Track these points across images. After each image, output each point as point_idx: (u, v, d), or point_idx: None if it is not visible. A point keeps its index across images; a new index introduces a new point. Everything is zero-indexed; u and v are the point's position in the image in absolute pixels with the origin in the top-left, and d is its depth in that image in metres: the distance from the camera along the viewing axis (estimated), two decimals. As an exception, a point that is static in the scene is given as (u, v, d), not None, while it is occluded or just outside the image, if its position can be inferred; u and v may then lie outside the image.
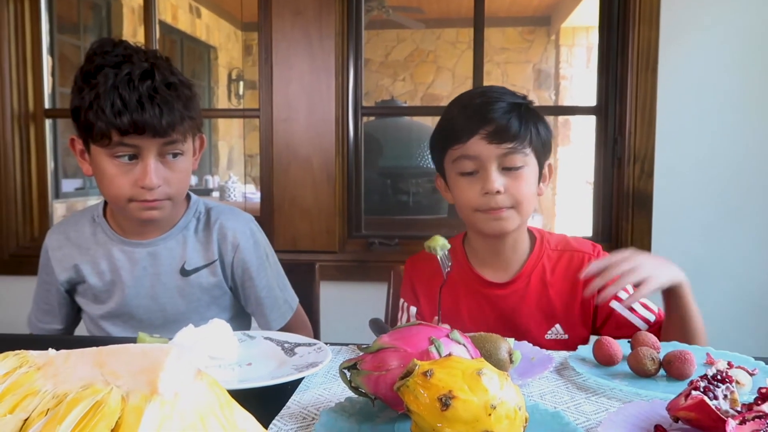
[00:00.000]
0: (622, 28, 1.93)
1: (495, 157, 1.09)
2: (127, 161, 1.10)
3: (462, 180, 1.13)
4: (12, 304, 2.12)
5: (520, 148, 1.10)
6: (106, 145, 1.08)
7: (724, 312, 1.92)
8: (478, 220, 1.13)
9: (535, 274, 1.18)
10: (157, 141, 1.09)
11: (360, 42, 2.08)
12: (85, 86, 1.08)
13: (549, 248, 1.20)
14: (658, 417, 0.68)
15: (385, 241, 2.07)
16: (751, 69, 1.88)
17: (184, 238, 1.23)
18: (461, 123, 1.12)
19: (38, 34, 2.16)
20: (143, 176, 1.09)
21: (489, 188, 1.09)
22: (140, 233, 1.22)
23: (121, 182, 1.11)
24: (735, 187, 1.90)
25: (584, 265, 1.15)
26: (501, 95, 1.13)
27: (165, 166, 1.12)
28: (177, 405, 0.39)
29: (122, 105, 1.05)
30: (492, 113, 1.10)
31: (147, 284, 1.22)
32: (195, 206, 1.27)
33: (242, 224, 1.27)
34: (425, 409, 0.57)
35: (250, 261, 1.26)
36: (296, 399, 0.79)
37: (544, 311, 1.17)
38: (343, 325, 1.98)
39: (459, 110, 1.15)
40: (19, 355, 0.44)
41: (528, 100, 1.16)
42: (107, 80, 1.06)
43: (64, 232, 1.26)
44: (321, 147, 1.99)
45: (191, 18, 5.75)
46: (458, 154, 1.12)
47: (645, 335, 0.91)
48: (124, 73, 1.06)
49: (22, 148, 2.15)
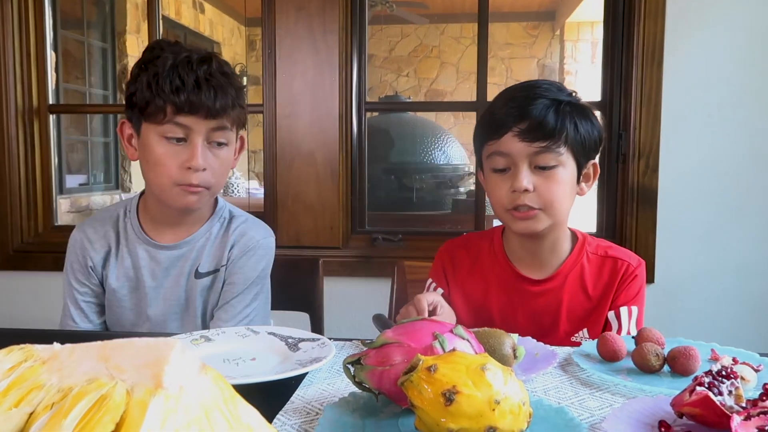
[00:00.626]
0: (627, 23, 1.92)
1: (526, 155, 1.07)
2: (175, 143, 1.14)
3: (494, 177, 1.12)
4: (16, 299, 2.14)
5: (554, 147, 1.07)
6: (160, 121, 1.12)
7: (730, 307, 1.91)
8: (508, 219, 1.12)
9: (573, 275, 1.16)
10: (207, 124, 1.13)
11: (364, 37, 2.07)
12: (143, 72, 1.13)
13: (589, 251, 1.17)
14: (663, 413, 0.67)
15: (388, 236, 2.07)
16: (757, 64, 1.87)
17: (205, 241, 1.24)
18: (498, 118, 1.10)
19: (42, 29, 2.16)
20: (191, 157, 1.13)
21: (517, 186, 1.07)
22: (171, 226, 1.24)
23: (168, 162, 1.14)
24: (740, 182, 1.89)
25: (622, 274, 1.14)
26: (545, 91, 1.10)
27: (210, 153, 1.16)
28: (181, 399, 0.39)
29: (181, 83, 1.10)
30: (528, 109, 1.07)
31: (166, 285, 1.24)
32: (221, 212, 1.28)
33: (261, 235, 1.27)
34: (429, 404, 0.57)
35: (248, 269, 1.24)
36: (300, 394, 0.79)
37: (576, 313, 1.15)
38: (347, 320, 1.99)
39: (500, 104, 1.12)
40: (24, 349, 0.44)
41: (573, 97, 1.12)
42: (166, 62, 1.12)
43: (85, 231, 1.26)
44: (324, 143, 1.99)
45: (194, 13, 5.75)
46: (492, 149, 1.11)
47: (650, 331, 0.90)
48: (183, 56, 1.13)
49: (26, 144, 2.15)
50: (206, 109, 1.12)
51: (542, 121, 1.06)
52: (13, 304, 2.14)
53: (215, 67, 1.15)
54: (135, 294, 1.25)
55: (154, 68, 1.12)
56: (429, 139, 3.45)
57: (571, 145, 1.08)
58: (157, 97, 1.10)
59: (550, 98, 1.08)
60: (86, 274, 1.25)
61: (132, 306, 1.25)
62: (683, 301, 1.93)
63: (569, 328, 1.15)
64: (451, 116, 6.47)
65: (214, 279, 1.24)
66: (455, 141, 3.58)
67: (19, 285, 2.13)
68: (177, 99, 1.10)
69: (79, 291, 1.25)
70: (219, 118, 1.14)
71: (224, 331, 1.01)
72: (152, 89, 1.11)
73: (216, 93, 1.12)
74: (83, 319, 1.26)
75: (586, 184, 1.15)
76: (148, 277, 1.23)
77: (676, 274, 1.92)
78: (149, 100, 1.11)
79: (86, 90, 4.58)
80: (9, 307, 2.14)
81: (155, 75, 1.11)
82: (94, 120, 4.76)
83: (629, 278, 1.15)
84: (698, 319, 1.92)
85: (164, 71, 1.11)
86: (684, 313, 1.92)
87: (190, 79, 1.11)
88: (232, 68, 1.20)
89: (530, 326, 1.12)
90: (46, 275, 2.07)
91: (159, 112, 1.11)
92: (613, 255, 1.17)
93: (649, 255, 1.92)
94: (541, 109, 1.07)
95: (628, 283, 1.14)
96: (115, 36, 4.73)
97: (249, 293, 1.24)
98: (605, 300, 1.14)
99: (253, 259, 1.25)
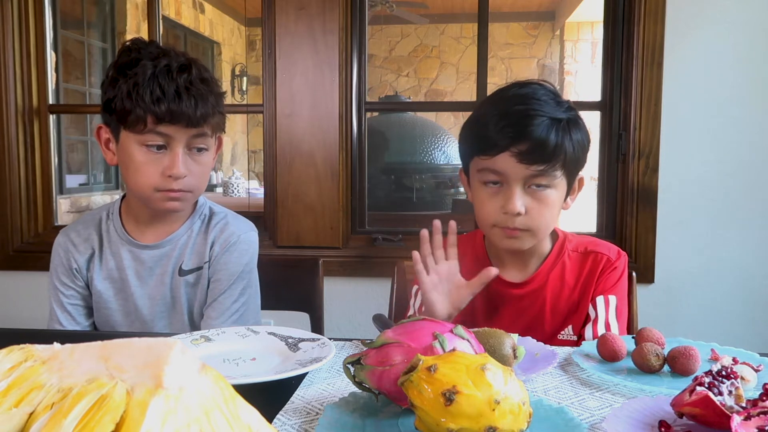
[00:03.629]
0: (627, 23, 1.92)
1: (522, 177, 1.03)
2: (155, 151, 1.14)
3: (484, 191, 1.08)
4: (16, 299, 2.14)
5: (551, 170, 1.03)
6: (139, 131, 1.12)
7: (730, 307, 1.91)
8: (494, 234, 1.10)
9: (554, 274, 1.16)
10: (187, 132, 1.14)
11: (364, 37, 2.07)
12: (121, 77, 1.12)
13: (570, 249, 1.17)
14: (663, 413, 0.67)
15: (388, 236, 2.07)
16: (757, 64, 1.87)
17: (187, 239, 1.25)
18: (493, 135, 1.03)
19: (42, 29, 2.16)
20: (171, 165, 1.13)
21: (510, 209, 1.04)
22: (152, 226, 1.24)
23: (149, 170, 1.14)
24: (740, 182, 1.89)
25: (601, 267, 1.14)
26: (544, 105, 1.03)
27: (191, 159, 1.16)
28: (181, 399, 0.39)
29: (161, 93, 1.10)
30: (528, 130, 1.01)
31: (151, 284, 1.24)
32: (201, 208, 1.29)
33: (242, 230, 1.28)
34: (429, 404, 0.57)
35: (232, 264, 1.24)
36: (300, 394, 0.79)
37: (560, 311, 1.15)
38: (347, 320, 1.99)
39: (494, 118, 1.04)
40: (24, 349, 0.44)
41: (570, 111, 1.07)
42: (146, 70, 1.11)
43: (68, 235, 1.27)
44: (325, 143, 1.99)
45: (195, 13, 5.75)
46: (484, 165, 1.06)
47: (649, 331, 0.90)
48: (163, 65, 1.12)
49: (26, 144, 2.15)
50: (187, 119, 1.12)
51: (543, 143, 1.01)
52: (13, 304, 2.14)
53: (195, 74, 1.14)
54: (121, 295, 1.25)
55: (133, 77, 1.11)
56: (429, 139, 3.45)
57: (566, 165, 1.05)
58: (138, 107, 1.10)
59: (549, 117, 1.03)
60: (71, 277, 1.25)
61: (119, 307, 1.26)
62: (683, 301, 1.93)
63: (554, 327, 1.15)
64: (451, 116, 6.47)
65: (199, 276, 1.25)
66: (455, 141, 3.58)
67: (19, 285, 2.13)
68: (158, 109, 1.10)
69: (65, 294, 1.26)
70: (199, 126, 1.14)
71: (224, 331, 1.01)
72: (132, 99, 1.10)
73: (197, 102, 1.12)
74: (70, 321, 1.26)
75: (571, 197, 1.14)
76: (133, 278, 1.24)
77: (676, 274, 1.92)
78: (129, 109, 1.10)
79: (86, 90, 4.58)
80: (9, 307, 2.14)
81: (135, 85, 1.10)
82: (94, 120, 4.76)
83: (608, 269, 1.14)
84: (698, 319, 1.92)
85: (144, 81, 1.10)
86: (684, 313, 1.92)
87: (170, 89, 1.10)
88: (211, 73, 1.20)
89: (515, 328, 1.12)
90: (46, 275, 2.04)
91: (139, 121, 1.11)
92: (593, 249, 1.17)
93: (649, 255, 1.92)
94: (541, 130, 1.01)
95: (606, 274, 1.14)
96: (115, 36, 4.73)
97: (236, 288, 1.24)
98: (587, 295, 1.15)
99: (235, 254, 1.25)
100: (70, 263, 1.25)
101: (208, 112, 1.15)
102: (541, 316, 1.15)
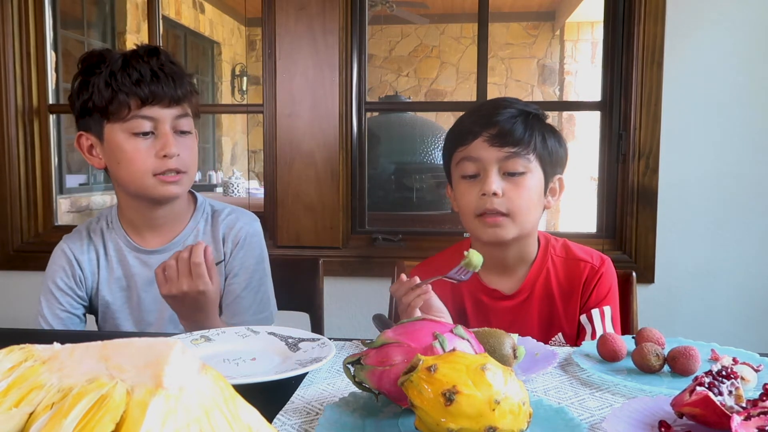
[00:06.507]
0: (627, 23, 1.92)
1: (496, 160, 1.11)
2: (143, 137, 1.14)
3: (463, 184, 1.15)
4: (16, 299, 2.13)
5: (523, 153, 1.11)
6: (124, 118, 1.12)
7: (730, 308, 1.91)
8: (476, 227, 1.14)
9: (540, 282, 1.17)
10: (171, 112, 1.15)
11: (364, 37, 2.07)
12: (92, 77, 1.13)
13: (554, 254, 1.19)
14: (663, 413, 0.67)
15: (388, 236, 2.07)
16: (758, 64, 1.87)
17: (194, 238, 1.25)
18: (467, 126, 1.15)
19: (42, 29, 2.16)
20: (164, 145, 1.14)
21: (486, 189, 1.10)
22: (153, 229, 1.23)
23: (142, 156, 1.14)
24: (740, 183, 1.89)
25: (586, 276, 1.15)
26: (511, 103, 1.15)
27: (178, 141, 1.17)
28: (182, 399, 0.39)
29: (140, 75, 1.12)
30: (497, 117, 1.12)
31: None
32: (202, 207, 1.29)
33: (248, 223, 1.29)
34: (429, 404, 0.57)
35: (247, 258, 1.26)
36: (300, 394, 0.79)
37: (548, 319, 1.17)
38: (347, 320, 1.99)
39: (468, 115, 1.18)
40: (24, 349, 0.44)
41: (539, 111, 1.17)
42: (116, 60, 1.13)
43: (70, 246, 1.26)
44: (325, 143, 1.99)
45: (195, 13, 5.75)
46: (461, 156, 1.14)
47: (650, 331, 0.90)
48: (132, 52, 1.15)
49: (26, 144, 2.15)
50: (169, 97, 1.14)
51: (511, 128, 1.11)
52: (13, 304, 2.14)
53: (164, 57, 1.17)
54: (129, 304, 1.25)
55: (106, 69, 1.12)
56: (429, 139, 3.45)
57: (539, 154, 1.12)
58: (120, 93, 1.11)
59: (518, 108, 1.14)
60: (73, 285, 1.23)
61: (128, 315, 1.25)
62: (683, 301, 1.93)
63: (544, 335, 1.16)
64: (451, 116, 6.44)
65: (218, 273, 1.24)
66: (455, 141, 3.58)
67: (19, 285, 2.13)
68: (140, 91, 1.11)
69: (60, 301, 1.23)
70: (182, 104, 1.16)
71: (224, 331, 1.01)
72: (111, 87, 1.11)
73: (174, 80, 1.15)
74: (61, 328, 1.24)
75: (553, 197, 1.18)
76: (142, 284, 1.23)
77: (676, 274, 1.92)
78: (110, 98, 1.11)
79: (86, 90, 4.58)
80: (9, 307, 2.14)
81: (111, 73, 1.12)
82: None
83: (594, 278, 1.16)
84: (698, 319, 1.92)
85: (118, 68, 1.12)
86: (684, 313, 1.92)
87: (147, 72, 1.12)
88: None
89: None
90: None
91: (123, 108, 1.12)
92: (575, 256, 1.19)
93: (649, 255, 1.92)
94: (509, 117, 1.12)
95: (595, 284, 1.16)
96: (115, 36, 4.73)
97: (254, 280, 1.26)
98: (573, 302, 1.16)
99: (247, 249, 1.27)
100: (74, 271, 1.24)
101: (187, 90, 1.17)
102: (530, 325, 1.17)
